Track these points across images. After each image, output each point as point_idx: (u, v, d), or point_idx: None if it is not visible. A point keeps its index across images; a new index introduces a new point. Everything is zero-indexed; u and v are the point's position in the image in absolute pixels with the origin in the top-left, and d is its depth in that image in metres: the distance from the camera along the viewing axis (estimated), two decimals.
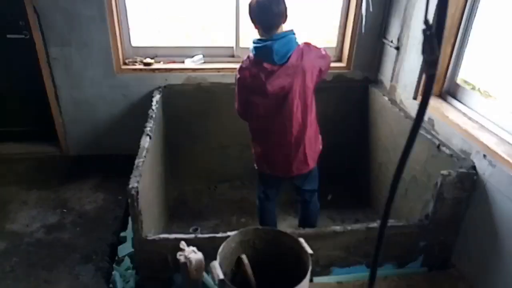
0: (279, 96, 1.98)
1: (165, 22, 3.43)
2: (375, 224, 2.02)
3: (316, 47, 2.06)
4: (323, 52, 2.08)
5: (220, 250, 1.68)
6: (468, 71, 2.29)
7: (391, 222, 2.04)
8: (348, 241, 2.03)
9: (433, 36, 0.54)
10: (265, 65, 1.95)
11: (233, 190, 3.14)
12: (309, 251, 1.66)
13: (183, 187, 3.12)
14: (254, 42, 2.00)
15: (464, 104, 2.25)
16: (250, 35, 3.34)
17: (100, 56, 2.74)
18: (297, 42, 1.99)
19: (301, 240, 1.72)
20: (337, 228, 2.00)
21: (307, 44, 2.02)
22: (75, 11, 2.59)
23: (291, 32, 1.98)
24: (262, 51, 1.95)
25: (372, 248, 0.77)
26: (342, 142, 2.75)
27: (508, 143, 1.91)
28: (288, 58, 1.94)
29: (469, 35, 2.23)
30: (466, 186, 1.99)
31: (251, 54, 2.01)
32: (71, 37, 2.67)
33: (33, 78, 2.81)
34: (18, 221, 2.44)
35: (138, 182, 1.82)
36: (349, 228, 2.00)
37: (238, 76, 2.05)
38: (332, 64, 3.07)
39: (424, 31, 0.55)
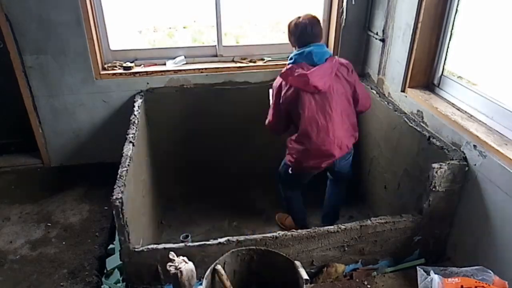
0: (321, 91, 2.17)
1: (145, 22, 3.35)
2: (368, 222, 1.98)
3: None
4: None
5: (207, 273, 1.64)
6: (455, 61, 2.26)
7: (385, 218, 2.01)
8: (342, 240, 1.99)
9: None
10: (306, 65, 2.15)
11: (223, 193, 3.08)
12: (305, 276, 1.61)
13: (172, 193, 3.04)
14: (293, 54, 2.22)
15: (452, 95, 2.23)
16: (232, 33, 3.28)
17: (78, 62, 2.64)
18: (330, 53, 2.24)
19: (297, 263, 1.68)
20: (331, 228, 1.96)
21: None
22: (49, 18, 2.49)
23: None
24: (302, 56, 2.17)
25: (367, 245, 0.72)
26: None
27: (497, 132, 1.89)
28: (326, 60, 2.17)
29: (453, 25, 2.20)
30: (457, 178, 1.97)
31: (289, 65, 2.20)
32: (47, 44, 2.57)
33: (9, 89, 2.70)
34: (1, 238, 2.35)
35: (122, 192, 1.75)
36: (342, 227, 1.96)
37: (280, 81, 2.24)
38: None
39: None
